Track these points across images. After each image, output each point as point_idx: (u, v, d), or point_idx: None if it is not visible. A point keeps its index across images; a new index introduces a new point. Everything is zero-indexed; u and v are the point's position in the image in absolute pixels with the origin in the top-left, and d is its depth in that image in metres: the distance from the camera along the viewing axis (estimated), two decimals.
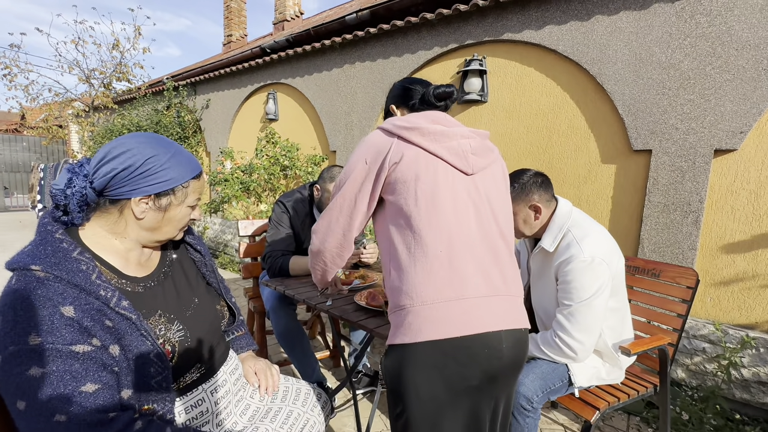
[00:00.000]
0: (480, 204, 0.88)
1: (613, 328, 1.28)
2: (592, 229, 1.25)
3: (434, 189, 0.84)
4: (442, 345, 0.78)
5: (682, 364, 2.12)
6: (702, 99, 2.01)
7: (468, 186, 0.88)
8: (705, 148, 2.01)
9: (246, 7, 7.64)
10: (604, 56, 2.28)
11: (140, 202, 0.75)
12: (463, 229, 0.84)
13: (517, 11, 2.57)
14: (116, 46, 6.51)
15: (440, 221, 0.83)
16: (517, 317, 0.86)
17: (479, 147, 0.91)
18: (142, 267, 0.81)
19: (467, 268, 0.82)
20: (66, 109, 7.06)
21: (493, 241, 0.87)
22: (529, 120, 2.63)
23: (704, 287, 2.10)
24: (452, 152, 0.88)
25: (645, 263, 1.59)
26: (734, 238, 2.01)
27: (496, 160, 0.97)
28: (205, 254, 0.96)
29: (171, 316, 0.79)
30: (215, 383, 0.85)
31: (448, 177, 0.86)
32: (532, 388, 1.16)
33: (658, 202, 2.16)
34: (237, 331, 1.05)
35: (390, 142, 0.87)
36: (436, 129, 0.88)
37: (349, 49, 3.59)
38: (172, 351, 0.76)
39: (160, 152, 0.75)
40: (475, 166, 0.90)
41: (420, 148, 0.86)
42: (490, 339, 0.80)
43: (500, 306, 0.83)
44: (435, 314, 0.79)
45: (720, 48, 1.95)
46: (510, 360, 0.83)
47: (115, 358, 0.66)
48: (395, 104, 1.05)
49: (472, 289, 0.81)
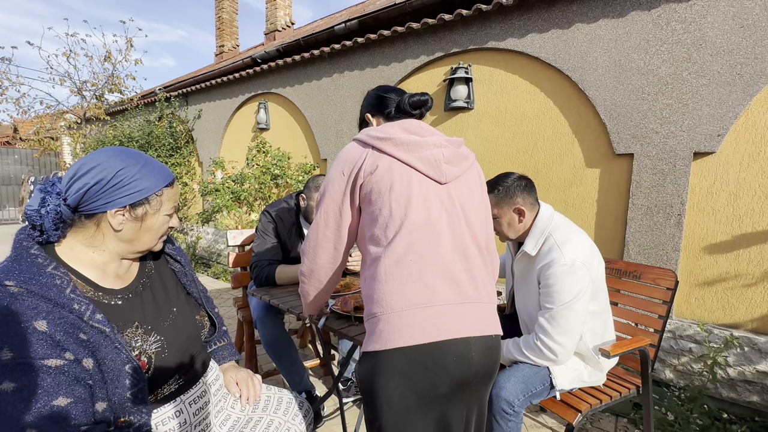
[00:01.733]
0: (453, 212, 0.89)
1: (594, 331, 1.30)
2: (573, 234, 1.28)
3: (408, 199, 0.85)
4: (411, 352, 0.79)
5: (669, 364, 2.14)
6: (680, 103, 2.05)
7: (441, 195, 0.89)
8: (684, 151, 2.05)
9: (238, 18, 7.70)
10: (585, 63, 2.32)
11: (116, 215, 0.76)
12: (434, 237, 0.85)
13: (500, 20, 2.62)
14: (108, 58, 6.53)
15: (412, 230, 0.84)
16: (487, 324, 0.87)
17: (452, 156, 0.93)
18: (120, 279, 0.82)
19: (437, 276, 0.83)
20: (58, 121, 7.05)
21: (465, 248, 0.88)
22: (515, 126, 2.67)
23: (689, 288, 2.13)
24: (425, 162, 0.89)
25: (627, 266, 1.62)
26: (716, 238, 2.05)
27: (470, 167, 0.97)
28: (185, 264, 0.97)
29: (148, 327, 0.80)
30: (194, 394, 0.86)
31: (421, 187, 0.88)
32: (514, 392, 1.18)
33: (642, 204, 2.19)
34: (219, 341, 1.06)
35: (365, 153, 0.89)
36: (410, 139, 0.89)
37: (338, 59, 3.63)
38: (148, 363, 0.77)
39: (130, 164, 0.76)
40: (448, 175, 0.91)
41: (394, 158, 0.88)
42: (459, 346, 0.81)
43: (470, 313, 0.84)
44: (404, 321, 0.80)
45: (696, 54, 2.00)
46: (480, 367, 0.84)
47: (89, 371, 0.67)
48: (370, 113, 1.07)
49: (440, 296, 0.82)
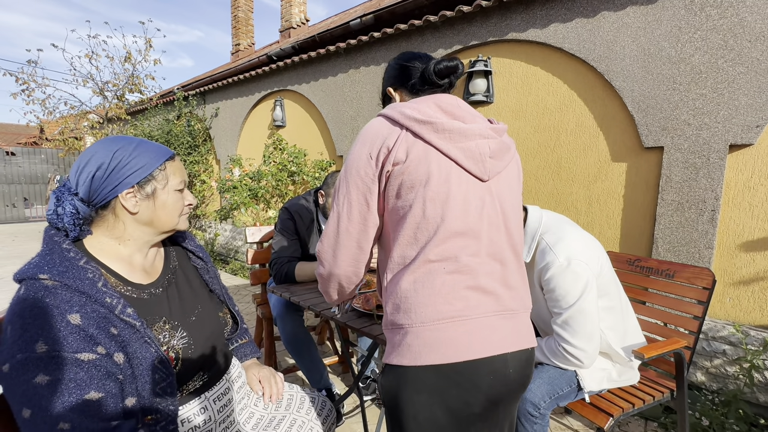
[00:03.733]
0: (493, 213, 0.78)
1: (613, 328, 1.25)
2: (565, 232, 1.23)
3: (446, 198, 0.74)
4: (444, 369, 0.71)
5: (702, 367, 2.05)
6: (715, 93, 1.95)
7: (482, 194, 0.78)
8: (719, 143, 1.95)
9: (253, 17, 7.75)
10: (611, 53, 2.23)
11: (128, 197, 0.76)
12: (472, 244, 0.75)
13: (521, 10, 2.54)
14: (128, 59, 6.66)
15: (448, 237, 0.74)
16: (524, 336, 0.79)
17: (498, 148, 0.80)
18: (146, 274, 0.82)
19: (472, 286, 0.74)
20: (81, 121, 7.25)
21: (503, 253, 0.79)
22: (536, 119, 2.60)
23: (723, 287, 2.03)
24: (468, 155, 0.76)
25: (658, 264, 1.55)
26: (753, 235, 1.94)
27: (512, 159, 0.85)
28: (207, 261, 0.97)
29: (175, 323, 0.79)
30: (218, 391, 0.85)
31: (461, 184, 0.75)
32: (539, 394, 1.14)
33: (672, 200, 2.10)
34: (241, 338, 1.05)
35: (396, 134, 0.75)
36: (453, 126, 0.75)
37: (354, 54, 3.60)
38: (175, 358, 0.76)
39: (123, 144, 0.77)
40: (491, 171, 0.79)
41: (431, 145, 0.75)
42: (496, 363, 0.74)
43: (507, 325, 0.76)
44: (435, 336, 0.72)
45: (732, 40, 1.89)
46: (516, 383, 0.78)
47: (120, 366, 0.66)
48: (392, 86, 0.91)
49: (476, 308, 0.74)
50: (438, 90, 0.87)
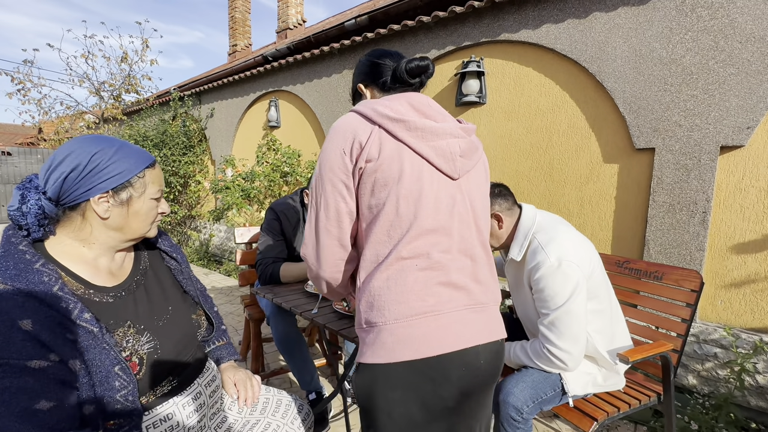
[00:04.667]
0: (463, 211, 0.80)
1: (601, 331, 1.23)
2: (558, 232, 1.21)
3: (418, 196, 0.74)
4: (417, 365, 0.72)
5: (693, 370, 2.03)
6: (706, 94, 1.94)
7: (453, 192, 0.79)
8: (710, 144, 1.94)
9: (251, 17, 7.75)
10: (603, 54, 2.22)
11: (100, 201, 0.73)
12: (444, 240, 0.77)
13: (514, 11, 2.54)
14: (124, 59, 6.65)
15: (420, 234, 0.74)
16: (494, 328, 0.81)
17: (468, 147, 0.81)
18: (112, 276, 0.79)
19: (444, 282, 0.76)
20: (77, 121, 7.23)
21: (473, 249, 0.81)
22: (529, 120, 2.59)
23: (714, 289, 2.02)
24: (439, 153, 0.77)
25: (647, 266, 1.53)
26: (744, 237, 1.93)
27: (480, 159, 0.87)
28: (181, 262, 0.95)
29: (141, 326, 0.77)
30: (189, 396, 0.83)
31: (433, 182, 0.76)
32: (522, 398, 1.12)
33: (663, 201, 2.09)
34: (218, 340, 1.03)
35: (369, 131, 0.74)
36: (425, 125, 0.76)
37: (348, 55, 3.59)
38: (139, 363, 0.74)
39: (104, 147, 0.74)
40: (461, 169, 0.80)
41: (403, 143, 0.74)
42: (468, 356, 0.75)
43: (478, 319, 0.78)
44: (410, 332, 0.72)
45: (723, 41, 1.88)
46: (487, 374, 0.79)
47: (75, 373, 0.64)
48: (363, 82, 0.90)
49: (448, 303, 0.75)
50: (409, 89, 0.88)
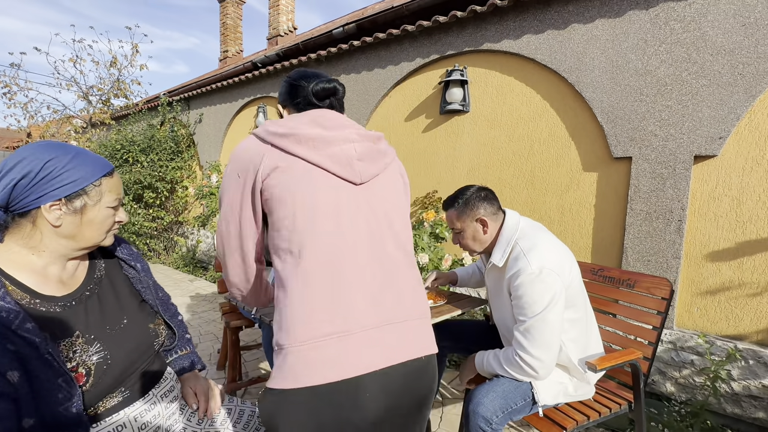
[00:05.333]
0: (371, 217, 0.77)
1: (575, 340, 1.23)
2: (540, 240, 1.22)
3: (314, 205, 0.73)
4: (323, 390, 0.68)
5: (671, 377, 2.04)
6: (679, 105, 1.98)
7: (356, 198, 0.77)
8: (685, 154, 1.98)
9: (242, 24, 7.77)
10: (581, 64, 2.26)
11: (52, 209, 0.72)
12: (349, 250, 0.73)
13: (496, 21, 2.58)
14: (114, 64, 6.61)
15: (321, 244, 0.72)
16: (415, 345, 0.75)
17: (367, 152, 0.80)
18: (63, 285, 0.78)
19: (353, 297, 0.72)
20: (65, 126, 7.15)
21: (386, 258, 0.77)
22: (511, 129, 2.61)
23: (690, 297, 2.04)
24: (335, 160, 0.76)
25: (620, 273, 1.54)
26: (719, 245, 1.96)
27: (390, 165, 0.86)
28: (141, 270, 0.93)
29: (90, 336, 0.75)
30: (141, 407, 0.81)
31: (330, 190, 0.75)
32: (491, 408, 1.11)
33: (641, 209, 2.11)
34: (180, 350, 1.01)
35: (262, 152, 0.76)
36: (314, 134, 0.76)
37: (335, 62, 3.61)
38: (86, 374, 0.72)
39: (59, 154, 0.72)
40: (363, 173, 0.78)
41: (297, 157, 0.75)
42: (380, 378, 0.70)
43: (392, 337, 0.73)
44: (314, 356, 0.68)
45: (695, 54, 1.93)
46: (406, 397, 0.73)
47: (14, 385, 0.63)
48: (282, 103, 0.92)
49: (356, 321, 0.71)
50: (323, 108, 0.88)
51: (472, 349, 1.40)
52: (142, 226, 5.47)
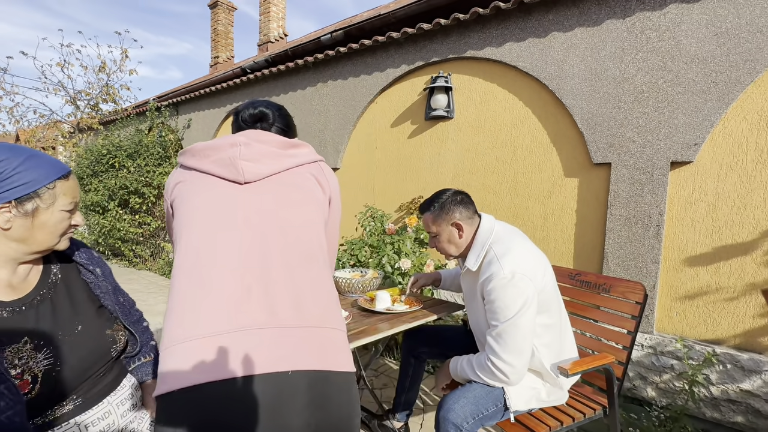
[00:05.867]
0: (255, 216, 0.74)
1: (549, 345, 1.23)
2: (514, 244, 1.22)
3: (194, 211, 0.75)
4: (183, 397, 0.63)
5: (651, 382, 2.05)
6: (656, 112, 2.01)
7: (243, 198, 0.76)
8: (662, 160, 2.00)
9: (234, 30, 7.79)
10: (561, 72, 2.29)
11: (1, 212, 0.71)
12: (218, 250, 0.71)
13: (479, 29, 2.61)
14: (102, 69, 6.58)
15: (191, 245, 0.72)
16: (306, 353, 0.67)
17: (257, 152, 0.78)
18: (13, 290, 0.76)
19: (215, 298, 0.67)
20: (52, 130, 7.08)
21: (272, 259, 0.72)
22: (494, 135, 2.64)
23: (670, 301, 2.06)
24: (221, 164, 0.78)
25: (596, 278, 1.55)
26: (696, 250, 1.98)
27: (299, 167, 0.83)
28: (100, 275, 0.91)
29: (39, 342, 0.73)
30: (94, 415, 0.79)
31: (213, 191, 0.76)
32: (462, 415, 1.10)
33: (620, 215, 2.13)
34: (144, 357, 0.99)
35: (174, 174, 0.83)
36: (206, 145, 0.80)
37: (323, 68, 3.63)
38: (32, 381, 0.70)
39: (9, 156, 0.72)
40: (248, 173, 0.77)
41: (194, 170, 0.80)
42: (246, 386, 0.63)
43: (259, 343, 0.65)
44: (174, 360, 0.64)
45: (670, 62, 1.97)
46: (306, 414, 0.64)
47: None
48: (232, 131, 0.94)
49: (217, 323, 0.66)
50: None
51: (449, 355, 1.39)
52: (127, 232, 5.40)
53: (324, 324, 0.72)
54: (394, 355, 2.65)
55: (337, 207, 0.91)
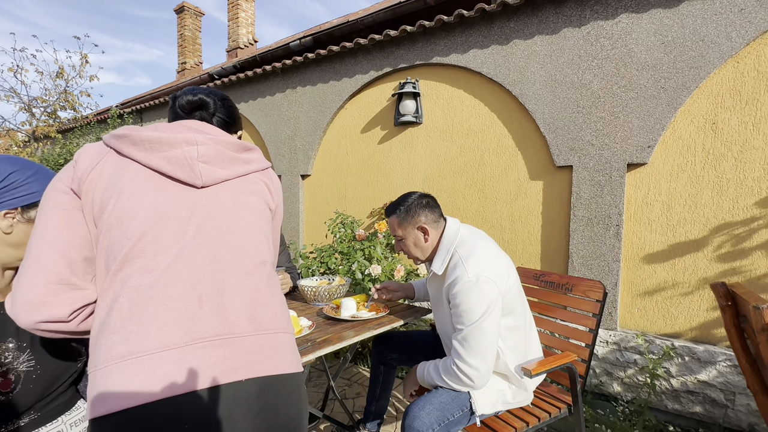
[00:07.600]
0: (209, 222, 0.71)
1: (514, 348, 1.24)
2: (479, 247, 1.23)
3: (136, 212, 0.66)
4: (126, 420, 0.59)
5: (617, 377, 2.11)
6: (612, 116, 2.09)
7: (194, 201, 0.71)
8: (619, 162, 2.09)
9: (201, 36, 7.62)
10: (523, 78, 2.36)
11: (6, 217, 0.76)
12: (166, 258, 0.66)
13: (444, 36, 2.65)
14: (60, 74, 6.26)
15: (134, 255, 0.64)
16: (243, 365, 0.65)
17: (214, 155, 0.74)
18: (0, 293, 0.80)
19: (165, 310, 0.63)
20: (6, 140, 6.66)
21: (224, 267, 0.69)
22: (462, 140, 2.67)
23: (631, 298, 2.13)
24: (173, 162, 0.70)
25: (559, 278, 1.58)
26: (653, 248, 2.06)
27: (252, 174, 0.81)
28: None
29: (23, 344, 0.77)
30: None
31: (162, 193, 0.69)
32: (428, 422, 1.09)
33: (582, 216, 2.20)
34: None
35: (100, 156, 0.69)
36: (152, 136, 0.70)
37: (292, 74, 3.59)
38: (15, 381, 0.73)
39: (21, 168, 0.78)
40: (206, 176, 0.72)
41: (133, 160, 0.70)
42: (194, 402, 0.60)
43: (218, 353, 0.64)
44: (118, 378, 0.60)
45: (623, 68, 2.06)
46: (258, 420, 0.64)
47: None
48: (168, 119, 0.87)
49: (169, 336, 0.62)
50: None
51: (419, 360, 1.38)
52: None
53: (275, 329, 0.72)
54: (367, 363, 2.61)
55: (281, 213, 0.90)
